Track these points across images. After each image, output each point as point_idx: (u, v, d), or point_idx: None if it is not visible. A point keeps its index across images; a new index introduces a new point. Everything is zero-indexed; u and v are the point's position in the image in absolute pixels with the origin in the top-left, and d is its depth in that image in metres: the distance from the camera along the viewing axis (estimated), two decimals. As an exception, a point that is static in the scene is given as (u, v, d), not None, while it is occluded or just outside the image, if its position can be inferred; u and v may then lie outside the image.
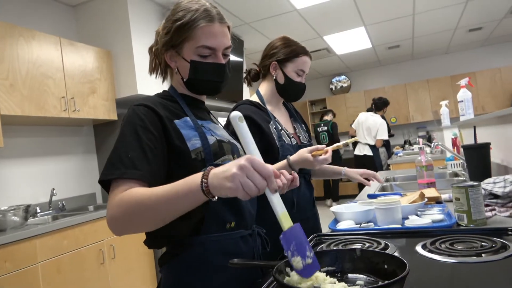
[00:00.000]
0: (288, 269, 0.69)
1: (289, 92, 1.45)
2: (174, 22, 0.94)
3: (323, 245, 1.02)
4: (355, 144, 5.49)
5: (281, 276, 0.66)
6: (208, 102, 4.24)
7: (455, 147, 2.65)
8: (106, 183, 0.82)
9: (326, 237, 1.12)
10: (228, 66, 0.99)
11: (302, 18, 4.48)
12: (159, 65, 1.04)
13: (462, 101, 2.70)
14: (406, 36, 5.86)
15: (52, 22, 3.21)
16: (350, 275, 0.70)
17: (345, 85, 8.19)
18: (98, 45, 3.25)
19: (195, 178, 0.70)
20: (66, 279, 2.34)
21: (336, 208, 1.37)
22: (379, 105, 5.49)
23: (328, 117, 6.92)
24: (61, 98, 2.74)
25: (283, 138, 1.36)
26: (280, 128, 1.39)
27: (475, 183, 1.10)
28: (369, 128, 5.23)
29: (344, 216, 1.28)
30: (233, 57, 4.55)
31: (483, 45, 7.07)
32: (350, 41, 5.75)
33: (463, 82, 2.73)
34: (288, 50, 1.42)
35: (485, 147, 1.57)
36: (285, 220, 0.68)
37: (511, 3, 4.77)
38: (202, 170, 0.71)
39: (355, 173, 1.59)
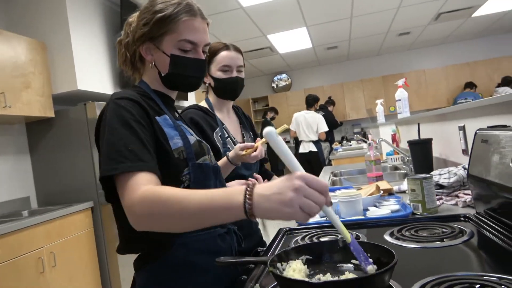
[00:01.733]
0: (278, 264, 0.70)
1: (223, 90, 1.42)
2: (155, 14, 0.90)
3: (297, 238, 1.05)
4: (298, 143, 5.65)
5: (276, 270, 0.67)
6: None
7: (395, 142, 2.86)
8: (106, 180, 0.77)
9: (296, 231, 1.15)
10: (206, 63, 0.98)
11: (248, 16, 4.51)
12: (130, 58, 0.98)
13: (399, 100, 2.91)
14: (343, 37, 6.18)
15: (-24, 8, 2.88)
16: (337, 265, 0.74)
17: (286, 83, 8.40)
18: (31, 36, 2.98)
19: (236, 195, 0.64)
20: (1, 293, 2.13)
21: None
22: (310, 102, 5.71)
23: (268, 116, 7.11)
24: (-10, 93, 2.47)
25: (228, 145, 1.36)
26: (226, 135, 1.39)
27: (428, 175, 1.21)
28: (309, 124, 5.43)
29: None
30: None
31: (410, 49, 7.70)
32: (292, 40, 5.92)
33: (400, 82, 2.94)
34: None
35: (428, 142, 1.72)
36: (346, 232, 0.67)
37: (436, 10, 5.25)
38: (245, 184, 0.65)
39: None
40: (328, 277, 0.67)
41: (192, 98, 5.07)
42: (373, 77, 7.77)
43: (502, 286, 0.59)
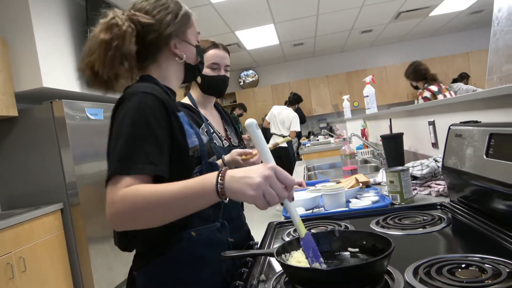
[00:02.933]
0: (283, 255, 0.74)
1: (209, 88, 1.44)
2: (177, 12, 0.97)
3: (289, 230, 1.10)
4: (269, 135, 5.72)
5: (283, 259, 0.71)
6: (112, 95, 4.02)
7: (364, 137, 2.98)
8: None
9: (286, 224, 1.20)
10: None
11: (217, 12, 4.50)
12: (117, 58, 0.97)
13: (367, 96, 3.04)
14: (310, 34, 6.31)
15: None
16: (335, 253, 0.79)
17: (253, 79, 8.45)
18: (-10, 30, 2.82)
19: (210, 178, 0.69)
20: (-31, 301, 2.03)
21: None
22: (292, 101, 5.85)
23: (236, 112, 7.15)
24: None
25: (215, 141, 1.39)
26: (212, 130, 1.41)
27: (405, 168, 1.30)
28: (283, 120, 5.52)
29: (295, 203, 1.37)
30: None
31: (372, 46, 7.99)
32: (259, 37, 5.96)
33: (367, 79, 3.07)
34: None
35: (400, 136, 1.83)
36: (302, 227, 0.73)
37: (396, 10, 5.49)
38: (219, 169, 0.71)
39: None
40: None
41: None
42: (337, 73, 7.99)
43: (486, 265, 0.67)
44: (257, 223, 1.30)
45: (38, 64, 2.88)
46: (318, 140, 6.34)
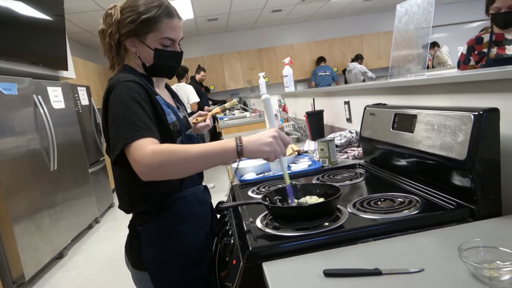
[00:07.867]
0: (266, 202, 1.04)
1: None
2: (139, 14, 1.07)
3: (254, 187, 1.39)
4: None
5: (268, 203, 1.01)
6: (33, 70, 3.76)
7: (285, 112, 3.38)
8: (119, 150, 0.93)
9: (248, 185, 1.49)
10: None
11: (134, -16, 4.39)
12: (113, 47, 1.12)
13: (286, 75, 3.43)
14: (224, 10, 6.48)
15: None
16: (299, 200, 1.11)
17: (165, 52, 8.32)
18: None
19: (230, 142, 0.90)
20: None
21: (237, 164, 1.75)
22: (181, 74, 5.75)
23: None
24: None
25: None
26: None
27: (331, 138, 1.68)
28: (180, 97, 5.43)
29: (246, 170, 1.67)
30: (51, 18, 4.09)
31: (281, 24, 8.48)
32: (175, 10, 5.93)
33: (286, 60, 3.44)
34: None
35: (321, 113, 2.23)
36: (287, 177, 1.02)
37: (305, -6, 5.97)
38: (235, 137, 0.93)
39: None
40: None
41: (71, 69, 4.77)
42: (249, 50, 8.34)
43: (395, 198, 1.06)
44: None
45: None
46: (234, 114, 6.66)
